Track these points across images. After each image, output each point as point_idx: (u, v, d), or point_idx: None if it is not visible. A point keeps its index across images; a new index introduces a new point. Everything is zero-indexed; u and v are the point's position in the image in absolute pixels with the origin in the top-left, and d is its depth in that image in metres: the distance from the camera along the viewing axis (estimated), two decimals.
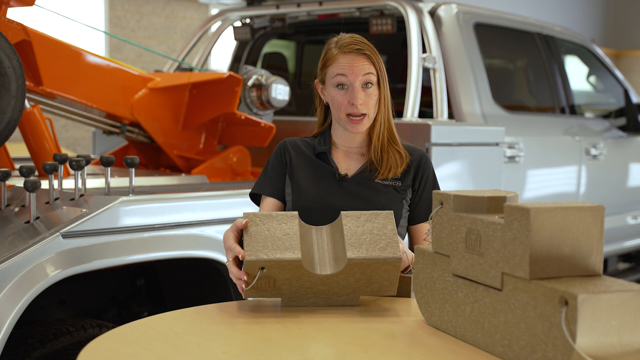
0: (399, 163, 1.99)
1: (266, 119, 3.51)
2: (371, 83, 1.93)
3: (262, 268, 1.61)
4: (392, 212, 1.71)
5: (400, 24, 3.76)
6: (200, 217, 2.59)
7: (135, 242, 2.44)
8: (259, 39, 4.65)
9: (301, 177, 2.01)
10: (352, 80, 1.91)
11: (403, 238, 2.06)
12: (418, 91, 3.49)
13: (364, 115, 1.94)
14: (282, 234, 1.65)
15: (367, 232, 1.67)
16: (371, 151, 2.00)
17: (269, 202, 2.05)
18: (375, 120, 1.99)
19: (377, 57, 1.95)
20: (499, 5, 9.32)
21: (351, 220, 1.69)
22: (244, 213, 1.69)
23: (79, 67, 3.12)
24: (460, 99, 3.70)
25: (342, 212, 1.71)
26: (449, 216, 1.49)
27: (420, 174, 2.02)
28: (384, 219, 1.70)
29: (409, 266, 1.84)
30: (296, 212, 1.71)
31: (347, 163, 2.03)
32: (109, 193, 2.51)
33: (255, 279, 1.62)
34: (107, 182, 2.55)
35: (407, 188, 2.01)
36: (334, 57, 1.94)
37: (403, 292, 1.83)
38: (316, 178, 2.01)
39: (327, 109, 2.06)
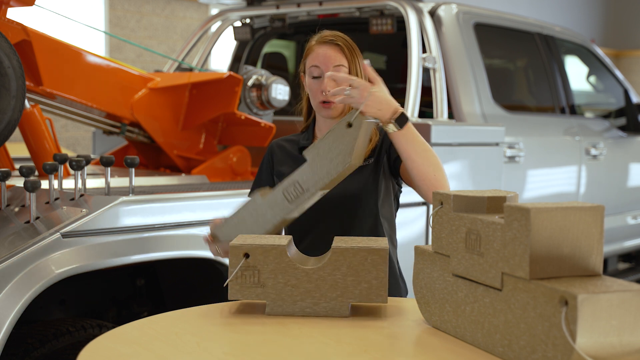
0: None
1: (266, 119, 3.51)
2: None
3: (247, 256, 1.62)
4: (385, 238, 1.74)
5: (400, 24, 3.76)
6: (200, 217, 2.59)
7: (135, 242, 2.44)
8: (259, 39, 4.65)
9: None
10: (324, 71, 2.01)
11: (390, 216, 2.09)
12: (418, 91, 3.49)
13: (333, 102, 1.99)
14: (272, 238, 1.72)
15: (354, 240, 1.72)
16: None
17: None
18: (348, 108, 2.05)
19: (351, 50, 2.03)
20: (499, 5, 9.32)
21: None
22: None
23: (79, 67, 3.12)
24: (460, 99, 3.70)
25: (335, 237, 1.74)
26: (449, 216, 1.49)
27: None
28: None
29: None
30: (290, 236, 1.76)
31: None
32: (109, 193, 2.51)
33: (239, 265, 1.62)
34: (107, 182, 2.55)
35: (382, 156, 2.05)
36: (311, 48, 2.08)
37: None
38: None
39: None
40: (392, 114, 1.79)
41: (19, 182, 2.57)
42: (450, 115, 3.65)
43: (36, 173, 2.94)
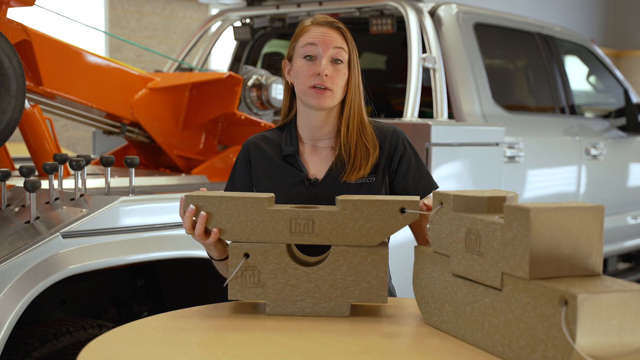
0: (363, 162, 1.83)
1: (266, 119, 3.51)
2: (341, 59, 1.81)
3: (247, 256, 1.62)
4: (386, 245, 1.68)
5: (400, 24, 3.76)
6: None
7: (135, 242, 2.43)
8: (259, 39, 4.65)
9: (269, 187, 1.87)
10: (322, 51, 1.79)
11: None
12: (418, 91, 3.49)
13: (329, 90, 1.79)
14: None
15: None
16: (340, 143, 1.86)
17: None
18: (344, 105, 1.85)
19: (350, 38, 1.84)
20: (499, 5, 9.32)
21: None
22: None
23: (79, 67, 3.11)
24: (460, 99, 3.70)
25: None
26: (449, 216, 1.49)
27: (397, 152, 1.88)
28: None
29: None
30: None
31: (316, 162, 1.89)
32: (109, 193, 2.51)
33: (239, 265, 1.62)
34: (107, 182, 2.55)
35: (384, 178, 1.88)
36: (305, 28, 1.84)
37: None
38: (285, 187, 1.87)
39: (293, 95, 1.91)
40: None
41: (19, 182, 2.57)
42: (450, 115, 3.65)
43: (36, 173, 2.94)
